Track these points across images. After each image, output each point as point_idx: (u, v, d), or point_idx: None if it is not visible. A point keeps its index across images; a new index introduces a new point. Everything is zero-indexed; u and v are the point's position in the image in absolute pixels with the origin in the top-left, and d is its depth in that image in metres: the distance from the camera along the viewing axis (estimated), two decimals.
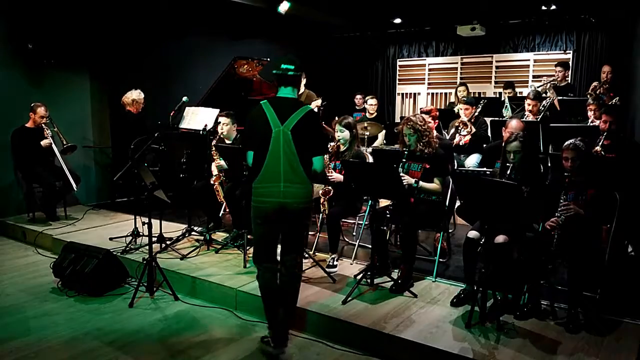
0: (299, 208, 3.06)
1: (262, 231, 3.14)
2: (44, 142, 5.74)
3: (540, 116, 5.49)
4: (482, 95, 8.74)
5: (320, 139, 3.17)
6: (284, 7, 7.88)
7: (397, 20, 9.55)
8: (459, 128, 5.60)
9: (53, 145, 5.79)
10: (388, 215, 3.91)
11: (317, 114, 3.25)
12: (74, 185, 5.77)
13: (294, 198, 3.02)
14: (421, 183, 4.01)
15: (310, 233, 4.24)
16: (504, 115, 6.23)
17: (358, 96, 8.44)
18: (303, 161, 3.03)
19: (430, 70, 10.15)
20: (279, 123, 3.00)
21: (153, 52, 7.23)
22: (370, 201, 4.03)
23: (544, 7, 7.81)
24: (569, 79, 7.11)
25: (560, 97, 5.93)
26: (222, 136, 5.04)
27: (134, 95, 6.42)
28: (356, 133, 4.53)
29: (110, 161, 7.04)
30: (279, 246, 3.24)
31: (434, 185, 4.05)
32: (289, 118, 3.00)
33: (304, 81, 6.57)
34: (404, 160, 4.08)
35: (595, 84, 6.33)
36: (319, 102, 6.35)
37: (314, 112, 3.18)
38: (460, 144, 5.64)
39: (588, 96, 6.00)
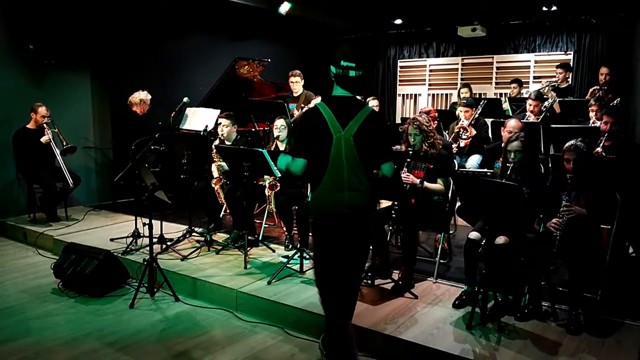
0: (364, 221, 2.71)
1: (330, 268, 2.70)
2: (43, 139, 5.72)
3: (541, 117, 5.49)
4: (482, 97, 8.72)
5: (385, 144, 2.83)
6: (284, 8, 7.90)
7: (398, 21, 9.55)
8: (460, 133, 5.59)
9: (53, 146, 5.79)
10: (394, 216, 3.90)
11: (381, 115, 2.93)
12: (70, 183, 5.75)
13: (359, 208, 2.68)
14: (426, 183, 4.01)
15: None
16: (502, 104, 6.22)
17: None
18: (367, 168, 2.71)
19: (431, 71, 10.14)
20: (340, 128, 2.66)
21: (154, 53, 7.24)
22: None
23: (544, 8, 7.82)
24: (570, 80, 7.10)
25: (561, 99, 5.92)
26: (222, 137, 5.04)
27: (142, 95, 6.36)
28: None
29: (111, 162, 7.05)
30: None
31: (438, 185, 4.05)
32: (350, 122, 2.68)
33: (302, 82, 6.50)
34: (408, 160, 4.08)
35: (594, 88, 6.31)
36: (318, 99, 6.32)
37: (376, 113, 2.83)
38: (461, 145, 5.64)
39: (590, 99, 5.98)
